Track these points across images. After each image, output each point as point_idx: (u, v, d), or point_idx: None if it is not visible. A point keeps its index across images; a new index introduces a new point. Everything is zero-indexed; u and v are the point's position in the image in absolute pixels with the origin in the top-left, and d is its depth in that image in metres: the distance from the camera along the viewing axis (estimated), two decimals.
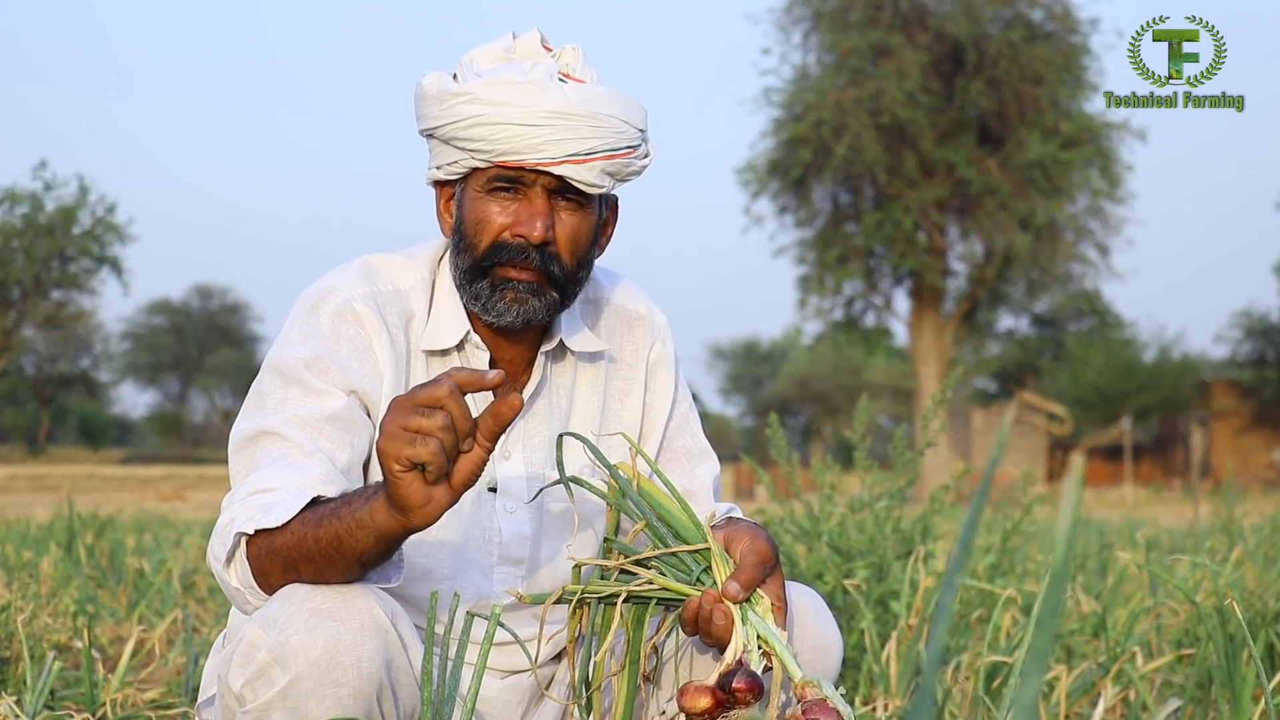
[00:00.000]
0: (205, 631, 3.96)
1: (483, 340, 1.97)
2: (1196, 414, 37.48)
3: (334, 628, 1.60)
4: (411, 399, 1.49)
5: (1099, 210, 24.76)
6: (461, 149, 1.89)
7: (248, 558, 1.66)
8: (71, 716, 2.67)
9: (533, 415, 2.02)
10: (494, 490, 1.98)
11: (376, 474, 1.86)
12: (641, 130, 1.93)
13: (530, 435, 2.01)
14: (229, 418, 57.23)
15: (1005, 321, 30.22)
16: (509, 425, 1.52)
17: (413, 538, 1.92)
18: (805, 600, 1.94)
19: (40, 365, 54.69)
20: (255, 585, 1.67)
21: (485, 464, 1.53)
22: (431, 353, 1.96)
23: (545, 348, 2.01)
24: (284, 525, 1.62)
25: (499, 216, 1.89)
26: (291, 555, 1.62)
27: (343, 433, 1.82)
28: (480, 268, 1.90)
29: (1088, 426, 36.70)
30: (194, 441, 63.02)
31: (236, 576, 1.68)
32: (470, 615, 1.68)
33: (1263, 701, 2.39)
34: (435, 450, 1.47)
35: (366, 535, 1.57)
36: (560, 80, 1.88)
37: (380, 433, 1.50)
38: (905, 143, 23.79)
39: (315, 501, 1.66)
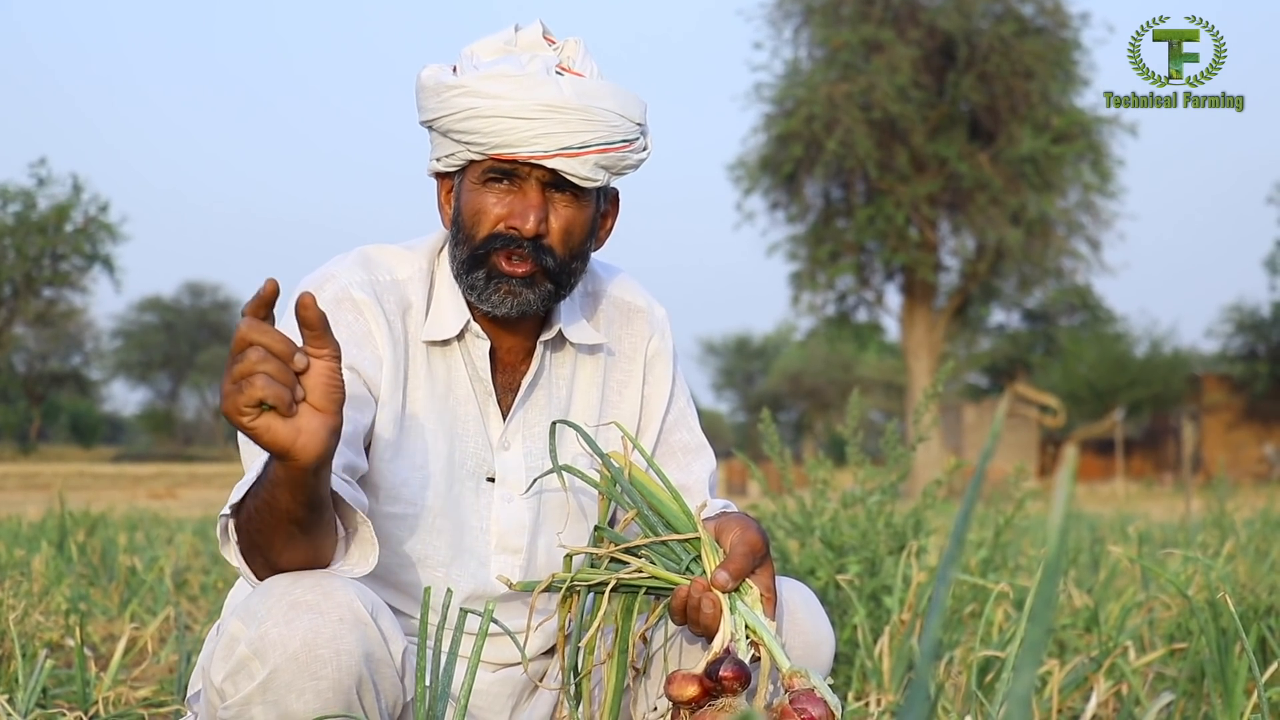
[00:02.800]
0: (197, 629, 3.95)
1: (482, 330, 1.97)
2: (1187, 408, 37.53)
3: (313, 620, 1.59)
4: (228, 358, 1.44)
5: (1090, 205, 24.77)
6: (458, 141, 1.89)
7: (235, 535, 1.67)
8: (64, 714, 2.67)
9: (532, 405, 2.02)
10: (492, 480, 1.98)
11: (377, 454, 1.89)
12: (639, 124, 1.92)
13: (530, 425, 2.01)
14: (220, 415, 57.12)
15: (997, 316, 30.32)
16: (318, 319, 1.43)
17: (411, 525, 1.91)
18: (798, 595, 1.94)
19: (31, 363, 54.62)
20: (244, 562, 1.67)
21: (338, 371, 1.45)
22: (432, 343, 1.96)
23: (544, 337, 2.01)
24: (241, 500, 1.61)
25: (495, 208, 1.90)
26: (249, 529, 1.62)
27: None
28: (477, 257, 1.91)
29: (1079, 421, 36.77)
30: (185, 439, 62.98)
31: (234, 555, 1.68)
32: (463, 611, 1.68)
33: (1255, 695, 2.39)
34: (264, 383, 1.40)
35: (280, 490, 1.53)
36: (557, 74, 1.88)
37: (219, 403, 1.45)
38: (896, 138, 23.79)
39: None
